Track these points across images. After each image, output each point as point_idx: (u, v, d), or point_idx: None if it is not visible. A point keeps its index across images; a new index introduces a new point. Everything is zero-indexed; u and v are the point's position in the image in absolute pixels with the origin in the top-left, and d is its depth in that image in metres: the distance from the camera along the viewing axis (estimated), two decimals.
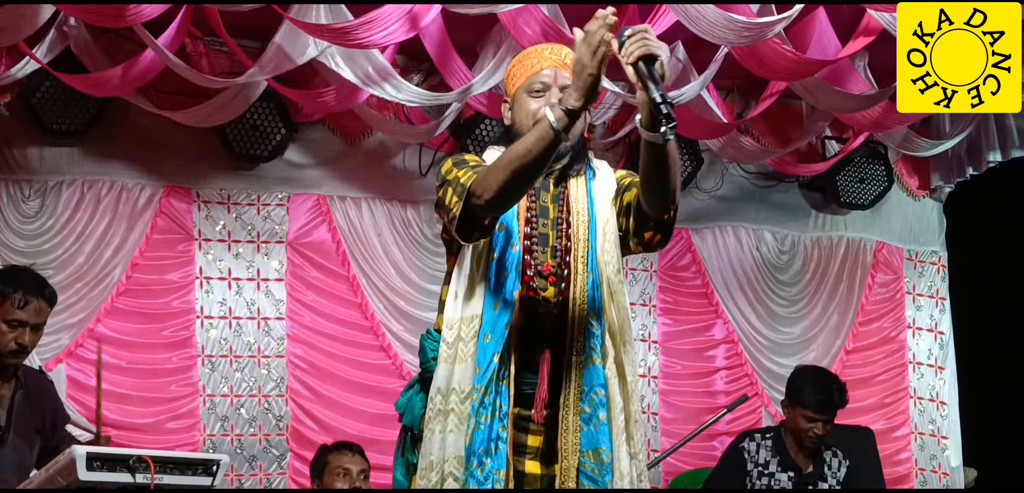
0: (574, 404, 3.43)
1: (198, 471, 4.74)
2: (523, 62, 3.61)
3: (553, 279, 3.48)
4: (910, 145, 7.56)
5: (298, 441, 6.86)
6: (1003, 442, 8.14)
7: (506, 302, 3.42)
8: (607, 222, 3.54)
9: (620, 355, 3.51)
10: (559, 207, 3.55)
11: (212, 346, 6.84)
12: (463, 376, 3.41)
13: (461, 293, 3.47)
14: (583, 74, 3.22)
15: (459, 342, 3.44)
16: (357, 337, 7.06)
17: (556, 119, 3.22)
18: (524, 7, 5.64)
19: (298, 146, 7.03)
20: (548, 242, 3.51)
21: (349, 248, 7.07)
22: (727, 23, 5.77)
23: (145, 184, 6.77)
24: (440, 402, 3.42)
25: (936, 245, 8.32)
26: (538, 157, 3.26)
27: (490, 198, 3.29)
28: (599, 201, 3.56)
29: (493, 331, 3.40)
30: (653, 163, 3.34)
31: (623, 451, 3.49)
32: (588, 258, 3.49)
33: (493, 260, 3.44)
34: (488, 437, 3.36)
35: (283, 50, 5.94)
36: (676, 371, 7.65)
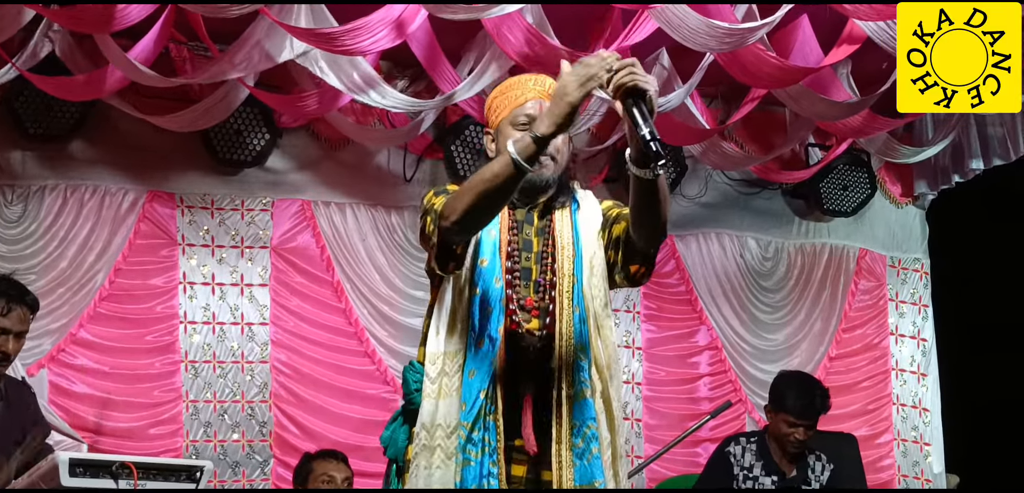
0: (567, 439, 3.40)
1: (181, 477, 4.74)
2: (506, 93, 3.57)
3: (536, 313, 3.45)
4: (892, 152, 7.59)
5: (282, 447, 6.85)
6: (985, 449, 8.18)
7: (491, 337, 3.39)
8: (594, 255, 3.52)
9: (607, 389, 3.49)
10: (544, 241, 3.52)
11: (195, 351, 6.83)
12: (448, 411, 3.37)
13: (443, 327, 3.43)
14: (562, 102, 3.19)
15: (443, 377, 3.40)
16: (341, 343, 7.06)
17: (518, 152, 3.20)
18: (509, 15, 5.65)
19: (282, 151, 7.02)
20: (531, 276, 3.48)
21: (333, 253, 7.07)
22: (709, 30, 5.78)
23: (128, 189, 6.76)
24: (425, 437, 3.38)
25: (919, 252, 8.35)
26: (502, 186, 3.24)
27: (456, 219, 3.27)
28: (585, 234, 3.54)
29: (479, 366, 3.38)
30: (643, 198, 3.34)
31: (612, 484, 3.47)
32: (574, 292, 3.46)
33: (476, 294, 3.41)
34: (480, 474, 3.34)
35: (259, 47, 5.92)
36: (660, 377, 7.66)
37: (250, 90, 6.34)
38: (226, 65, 5.98)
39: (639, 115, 3.16)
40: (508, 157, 3.21)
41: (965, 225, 8.17)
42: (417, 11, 5.70)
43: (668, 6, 5.68)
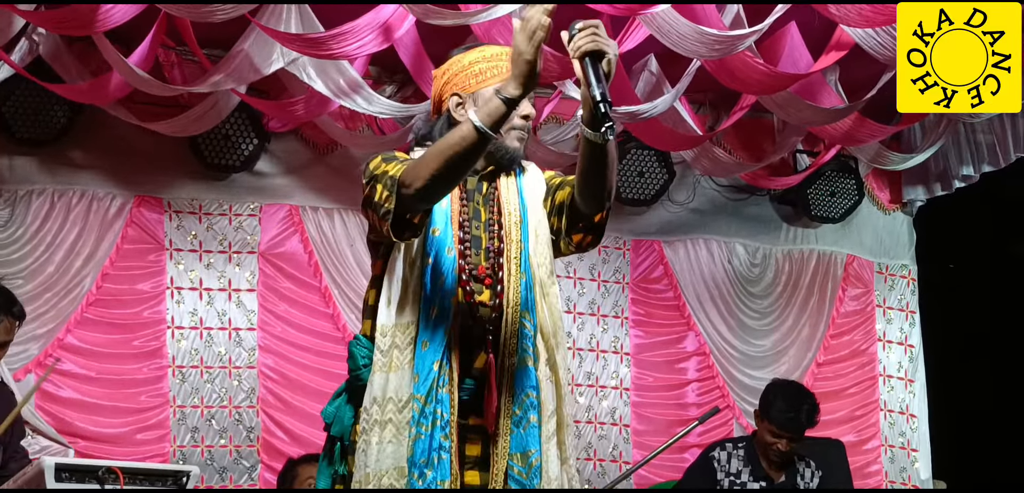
0: (506, 407, 3.36)
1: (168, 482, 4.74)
2: (493, 62, 3.49)
3: (489, 281, 3.41)
4: (881, 159, 7.61)
5: (269, 452, 6.84)
6: (972, 455, 8.20)
7: (444, 308, 3.33)
8: (539, 222, 3.49)
9: (553, 357, 3.45)
10: (490, 208, 3.49)
11: (183, 357, 6.81)
12: (400, 385, 3.30)
13: (395, 299, 3.35)
14: (520, 61, 3.17)
15: (394, 350, 3.33)
16: (329, 348, 7.04)
17: (487, 116, 3.17)
18: (498, 19, 5.64)
19: (270, 156, 7.01)
20: (481, 245, 3.44)
21: (321, 259, 7.06)
22: (698, 36, 5.79)
23: (116, 194, 6.74)
24: (376, 412, 3.30)
25: (906, 259, 8.36)
26: (467, 153, 3.20)
27: (420, 187, 3.21)
28: (530, 201, 3.51)
29: (431, 338, 3.31)
30: (591, 161, 3.32)
31: (553, 454, 3.42)
32: (521, 259, 3.43)
33: (428, 265, 3.35)
34: (429, 447, 3.27)
35: (250, 58, 5.92)
36: (648, 383, 7.66)
37: (240, 97, 6.33)
38: (218, 76, 5.98)
39: (593, 75, 3.18)
40: (466, 129, 3.19)
41: (953, 231, 8.20)
42: (405, 16, 5.70)
43: (658, 13, 5.68)
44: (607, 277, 7.64)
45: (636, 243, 7.73)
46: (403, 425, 3.28)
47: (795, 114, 6.79)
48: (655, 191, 7.50)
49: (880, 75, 6.55)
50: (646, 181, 7.44)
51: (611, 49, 3.23)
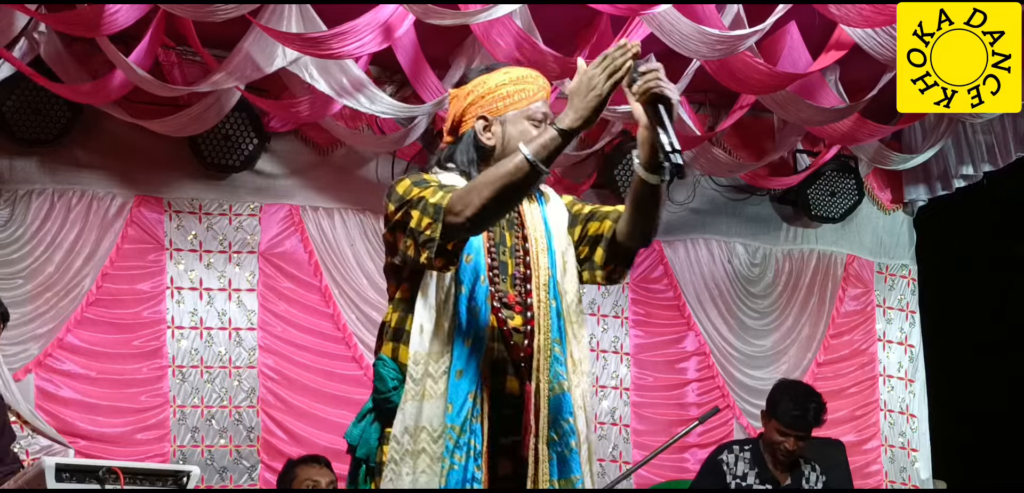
0: (544, 434, 3.31)
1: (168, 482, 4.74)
2: (521, 85, 3.43)
3: (519, 308, 3.37)
4: (882, 159, 7.61)
5: (269, 452, 6.83)
6: (972, 455, 8.19)
7: (478, 337, 3.28)
8: (566, 250, 3.46)
9: (582, 384, 3.42)
10: (515, 234, 3.43)
11: (183, 357, 6.81)
12: (433, 414, 3.23)
13: (428, 327, 3.28)
14: (590, 95, 3.12)
15: (428, 379, 3.26)
16: (329, 348, 7.04)
17: (540, 149, 3.12)
18: (498, 19, 5.65)
19: (270, 156, 7.01)
20: (507, 271, 3.38)
21: (321, 259, 7.06)
22: (700, 36, 5.79)
23: (116, 194, 6.74)
24: (408, 442, 3.24)
25: (906, 258, 8.36)
26: (520, 184, 3.15)
27: (470, 216, 3.14)
28: (555, 228, 3.46)
29: (466, 367, 3.26)
30: (647, 202, 3.31)
31: (589, 481, 3.39)
32: (550, 285, 3.39)
33: (462, 293, 3.29)
34: (463, 478, 3.22)
35: (251, 57, 5.92)
36: (648, 383, 7.66)
37: (242, 93, 6.33)
38: (220, 76, 5.98)
39: (666, 120, 3.14)
40: (519, 161, 3.13)
41: (952, 231, 8.20)
42: (405, 15, 5.70)
43: (659, 13, 5.68)
44: None
45: None
46: (437, 456, 3.23)
47: (795, 114, 6.79)
48: None
49: (880, 75, 6.55)
50: None
51: (675, 94, 3.20)
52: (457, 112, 3.44)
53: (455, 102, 3.46)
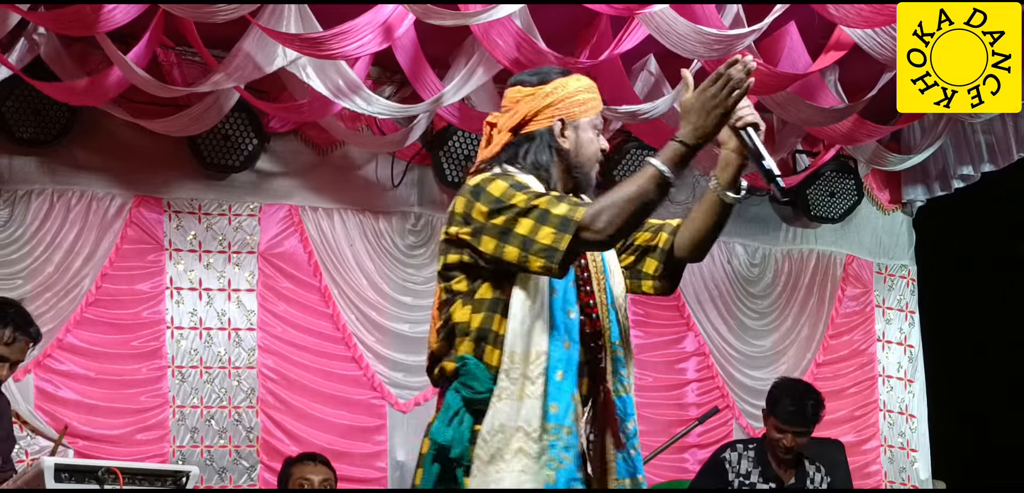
0: (614, 435, 3.35)
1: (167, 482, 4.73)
2: (591, 93, 3.47)
3: (588, 310, 3.39)
4: (880, 160, 7.61)
5: (268, 453, 6.83)
6: (971, 455, 8.20)
7: (572, 337, 3.29)
8: (613, 256, 3.50)
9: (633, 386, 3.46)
10: None
11: (182, 357, 6.81)
12: (531, 415, 3.20)
13: (523, 328, 3.25)
14: (713, 111, 3.22)
15: (525, 381, 3.22)
16: (328, 348, 7.04)
17: (671, 163, 3.23)
18: (498, 20, 5.65)
19: (270, 156, 7.01)
20: (574, 275, 3.38)
21: (321, 259, 7.06)
22: (698, 36, 5.79)
23: (115, 194, 6.74)
24: (499, 441, 3.20)
25: (906, 259, 8.37)
26: (655, 201, 3.23)
27: (612, 232, 3.17)
28: None
29: (566, 368, 3.25)
30: (717, 219, 3.49)
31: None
32: (607, 289, 3.42)
33: (557, 296, 3.29)
34: (569, 478, 3.22)
35: (251, 57, 5.92)
36: (647, 383, 7.66)
37: (242, 94, 6.33)
38: (220, 76, 5.98)
39: (761, 147, 3.35)
40: (657, 170, 3.20)
41: (952, 232, 8.20)
42: (405, 16, 5.70)
43: (657, 13, 5.68)
44: None
45: None
46: (535, 455, 3.20)
47: (794, 114, 6.79)
48: None
49: (879, 75, 6.55)
50: None
51: (762, 122, 3.37)
52: (530, 110, 3.41)
53: (528, 100, 3.42)
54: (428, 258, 7.25)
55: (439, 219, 7.29)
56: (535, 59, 5.83)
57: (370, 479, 6.98)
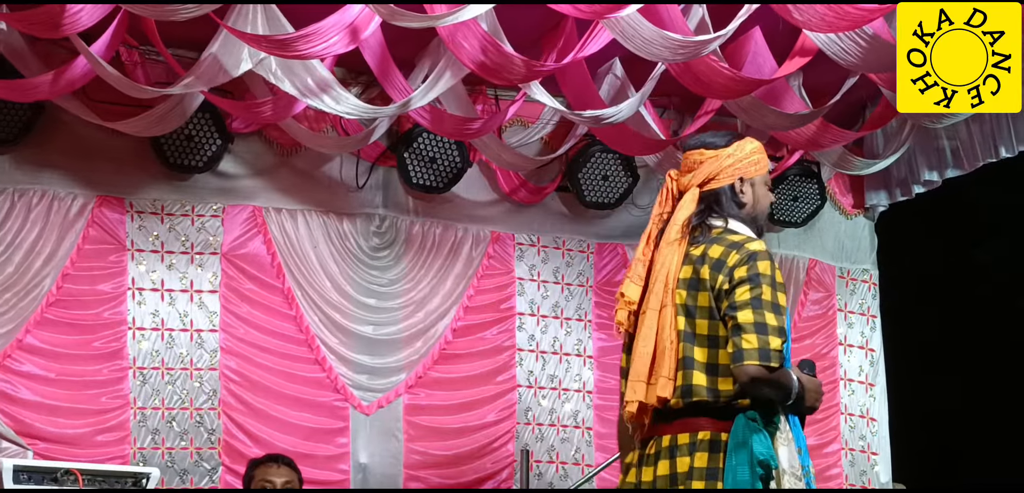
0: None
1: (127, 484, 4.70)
2: (762, 154, 4.01)
3: None
4: (845, 164, 7.65)
5: (230, 455, 6.80)
6: (931, 459, 8.26)
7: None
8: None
9: None
10: None
11: (144, 358, 6.76)
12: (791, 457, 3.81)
13: None
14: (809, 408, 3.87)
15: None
16: (291, 350, 7.02)
17: (810, 399, 3.87)
18: (463, 23, 5.64)
19: (233, 157, 6.98)
20: None
21: (284, 260, 7.03)
22: (662, 40, 5.80)
23: (77, 194, 6.69)
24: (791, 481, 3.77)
25: (867, 263, 8.41)
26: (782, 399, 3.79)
27: (760, 396, 3.75)
28: None
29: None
30: None
31: None
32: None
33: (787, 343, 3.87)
34: None
35: (218, 61, 5.89)
36: (611, 386, 7.67)
37: (206, 95, 6.30)
38: (188, 79, 5.95)
39: None
40: (797, 388, 3.80)
41: (913, 237, 8.26)
42: (371, 17, 5.69)
43: (622, 17, 5.69)
44: (571, 280, 7.65)
45: (600, 246, 7.74)
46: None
47: (759, 119, 6.82)
48: (619, 195, 7.52)
49: (843, 81, 6.60)
50: (610, 185, 7.46)
51: None
52: (713, 171, 3.94)
53: (712, 162, 3.95)
54: (392, 260, 7.23)
55: (403, 221, 7.28)
56: (501, 61, 5.83)
57: (332, 481, 6.96)
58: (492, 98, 7.16)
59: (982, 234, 8.07)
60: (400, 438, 7.14)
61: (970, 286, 8.15)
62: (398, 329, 7.21)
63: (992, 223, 8.03)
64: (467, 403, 7.28)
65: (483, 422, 7.30)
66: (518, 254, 7.55)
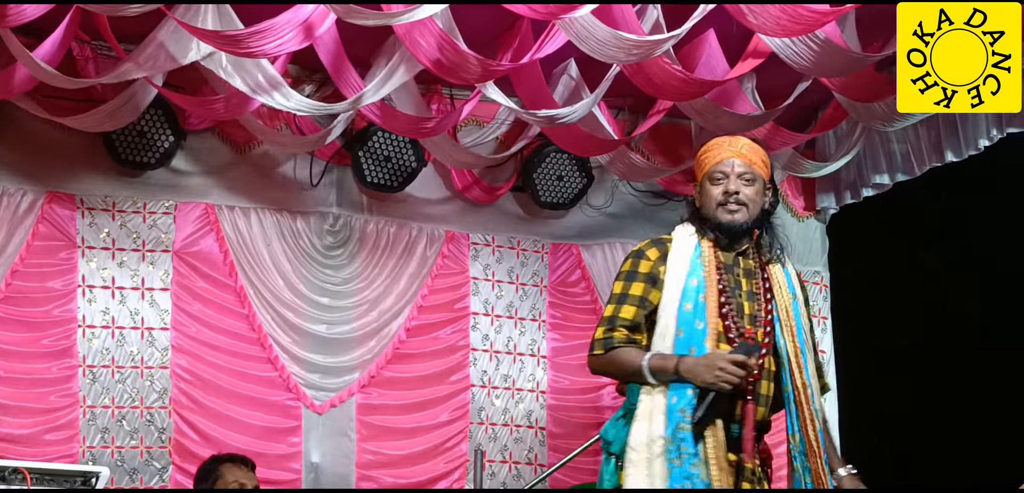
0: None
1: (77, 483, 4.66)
2: (707, 153, 4.25)
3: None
4: (796, 167, 7.71)
5: (181, 454, 6.76)
6: (881, 459, 8.32)
7: None
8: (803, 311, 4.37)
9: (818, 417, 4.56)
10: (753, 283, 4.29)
11: (94, 356, 6.71)
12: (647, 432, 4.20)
13: None
14: (709, 376, 4.02)
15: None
16: (243, 349, 6.98)
17: (656, 370, 4.07)
18: (419, 21, 5.63)
19: (186, 154, 6.94)
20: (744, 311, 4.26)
21: (237, 258, 6.99)
22: (617, 42, 5.82)
23: (27, 190, 6.63)
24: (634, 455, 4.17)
25: (819, 265, 8.46)
26: (630, 378, 4.15)
27: (593, 368, 4.28)
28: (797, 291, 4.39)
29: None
30: None
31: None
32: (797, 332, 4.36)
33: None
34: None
35: (164, 48, 5.84)
36: (564, 386, 7.69)
37: (158, 90, 6.25)
38: (130, 66, 5.89)
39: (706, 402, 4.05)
40: (643, 366, 4.07)
41: (864, 239, 8.32)
42: (326, 15, 5.67)
43: (577, 18, 5.71)
44: (525, 280, 7.66)
45: (554, 246, 7.76)
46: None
47: (711, 121, 6.86)
48: (573, 195, 7.54)
49: (796, 84, 6.64)
50: (564, 185, 7.47)
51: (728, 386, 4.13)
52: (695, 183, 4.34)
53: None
54: (346, 259, 7.21)
55: (358, 220, 7.26)
56: (456, 60, 5.83)
57: (284, 481, 6.94)
58: (447, 97, 7.16)
59: (932, 237, 8.14)
60: (353, 437, 7.12)
61: (920, 289, 8.21)
62: (351, 328, 7.19)
63: (941, 227, 8.11)
64: (420, 403, 7.28)
65: (436, 422, 7.29)
66: (472, 254, 7.55)
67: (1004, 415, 7.69)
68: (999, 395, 7.77)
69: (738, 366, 4.00)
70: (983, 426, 7.86)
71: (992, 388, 7.78)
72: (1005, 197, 7.56)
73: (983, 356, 7.94)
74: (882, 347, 8.26)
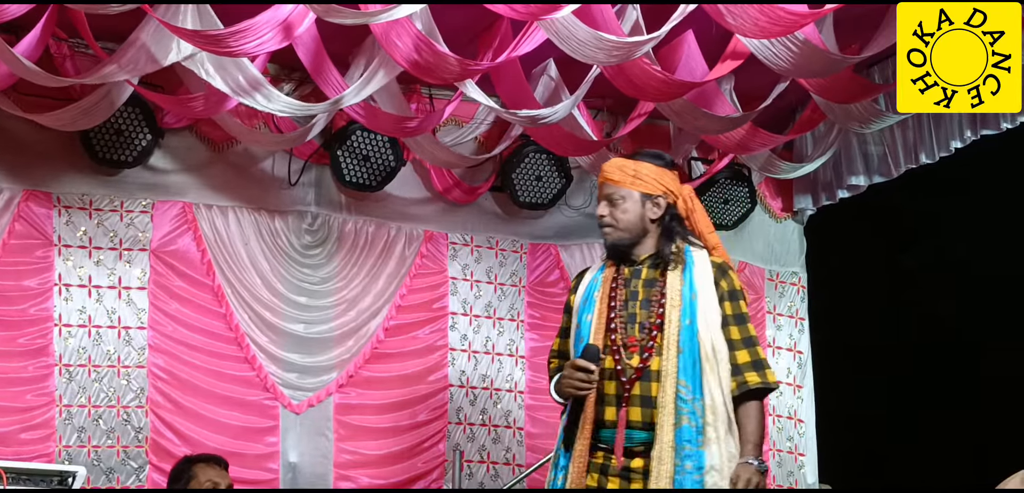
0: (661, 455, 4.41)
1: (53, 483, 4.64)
2: (602, 171, 4.63)
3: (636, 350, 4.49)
4: (773, 168, 7.73)
5: (157, 453, 6.73)
6: (857, 460, 8.37)
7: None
8: (707, 308, 4.44)
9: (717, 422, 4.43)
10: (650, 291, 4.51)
11: (70, 355, 6.68)
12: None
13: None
14: (565, 389, 4.53)
15: None
16: (221, 348, 6.96)
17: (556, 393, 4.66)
18: (397, 21, 5.63)
19: (164, 152, 6.91)
20: (636, 320, 4.48)
21: (214, 257, 6.97)
22: (597, 42, 5.82)
23: (3, 188, 6.59)
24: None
25: (796, 266, 8.50)
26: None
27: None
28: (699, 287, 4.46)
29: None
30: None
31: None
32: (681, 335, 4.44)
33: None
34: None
35: (146, 49, 5.82)
36: (542, 386, 7.68)
37: (135, 88, 6.22)
38: (113, 67, 5.86)
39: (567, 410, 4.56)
40: (552, 391, 4.70)
41: (841, 240, 8.36)
42: (305, 14, 5.65)
43: (557, 19, 5.71)
44: (504, 280, 7.66)
45: (533, 246, 7.76)
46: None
47: (690, 122, 6.88)
48: (552, 195, 7.54)
49: (774, 85, 6.67)
50: (544, 185, 7.48)
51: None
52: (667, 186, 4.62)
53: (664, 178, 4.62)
54: (324, 258, 7.20)
55: (336, 219, 7.25)
56: (434, 61, 5.82)
57: (262, 480, 6.92)
58: (426, 97, 7.16)
59: (908, 239, 8.19)
60: (330, 437, 7.11)
61: (896, 290, 8.27)
62: (329, 327, 7.18)
63: (917, 228, 8.16)
64: (398, 402, 7.27)
65: (414, 422, 7.29)
66: (451, 253, 7.55)
67: (979, 415, 7.75)
68: (974, 395, 7.83)
69: (579, 371, 4.34)
70: (958, 426, 7.91)
71: (967, 388, 7.84)
72: (978, 199, 7.62)
73: (958, 356, 8.00)
74: (858, 347, 8.31)
